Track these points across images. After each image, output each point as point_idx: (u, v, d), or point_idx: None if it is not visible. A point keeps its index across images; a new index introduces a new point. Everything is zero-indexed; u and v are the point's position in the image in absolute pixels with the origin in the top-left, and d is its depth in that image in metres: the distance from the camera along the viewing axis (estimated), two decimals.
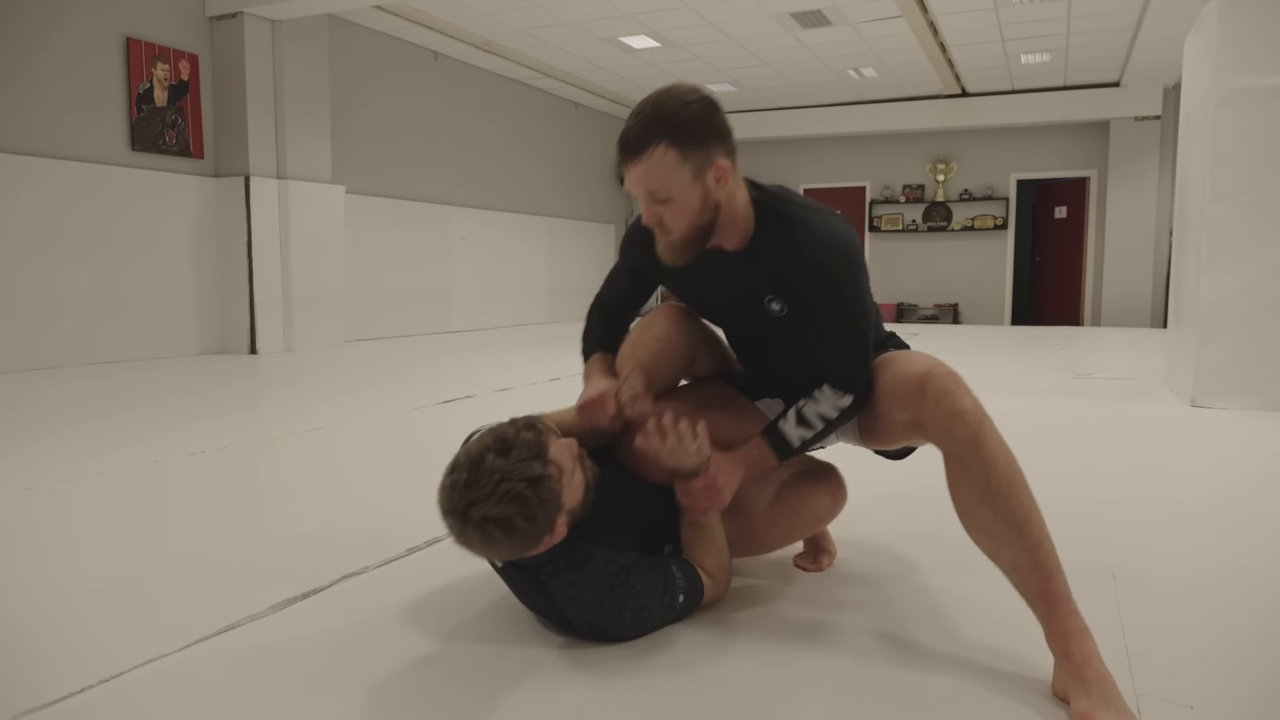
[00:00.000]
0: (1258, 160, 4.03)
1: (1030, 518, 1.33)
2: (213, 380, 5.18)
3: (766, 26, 8.21)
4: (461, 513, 1.30)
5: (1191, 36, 4.64)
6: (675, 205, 1.44)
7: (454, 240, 9.31)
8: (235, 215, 6.64)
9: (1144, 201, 10.60)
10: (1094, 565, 1.88)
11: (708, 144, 1.42)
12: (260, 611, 1.64)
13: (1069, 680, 1.25)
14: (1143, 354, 6.99)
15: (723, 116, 1.46)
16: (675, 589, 1.49)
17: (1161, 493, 2.59)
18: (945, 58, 9.32)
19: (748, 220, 1.53)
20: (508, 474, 1.30)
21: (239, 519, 2.28)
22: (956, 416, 1.37)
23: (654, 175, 1.41)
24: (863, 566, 1.88)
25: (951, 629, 1.55)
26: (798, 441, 1.53)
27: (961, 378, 1.43)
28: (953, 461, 1.39)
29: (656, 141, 1.40)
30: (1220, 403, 4.15)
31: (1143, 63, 9.32)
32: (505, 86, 10.11)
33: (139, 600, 1.70)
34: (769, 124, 12.02)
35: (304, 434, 3.44)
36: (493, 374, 5.43)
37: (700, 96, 1.43)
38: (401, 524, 2.21)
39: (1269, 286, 4.06)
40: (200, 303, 6.63)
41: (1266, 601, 1.70)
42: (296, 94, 6.87)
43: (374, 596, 1.72)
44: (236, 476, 2.77)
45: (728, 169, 1.45)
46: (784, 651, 1.46)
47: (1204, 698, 1.29)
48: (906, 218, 12.02)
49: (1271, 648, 1.49)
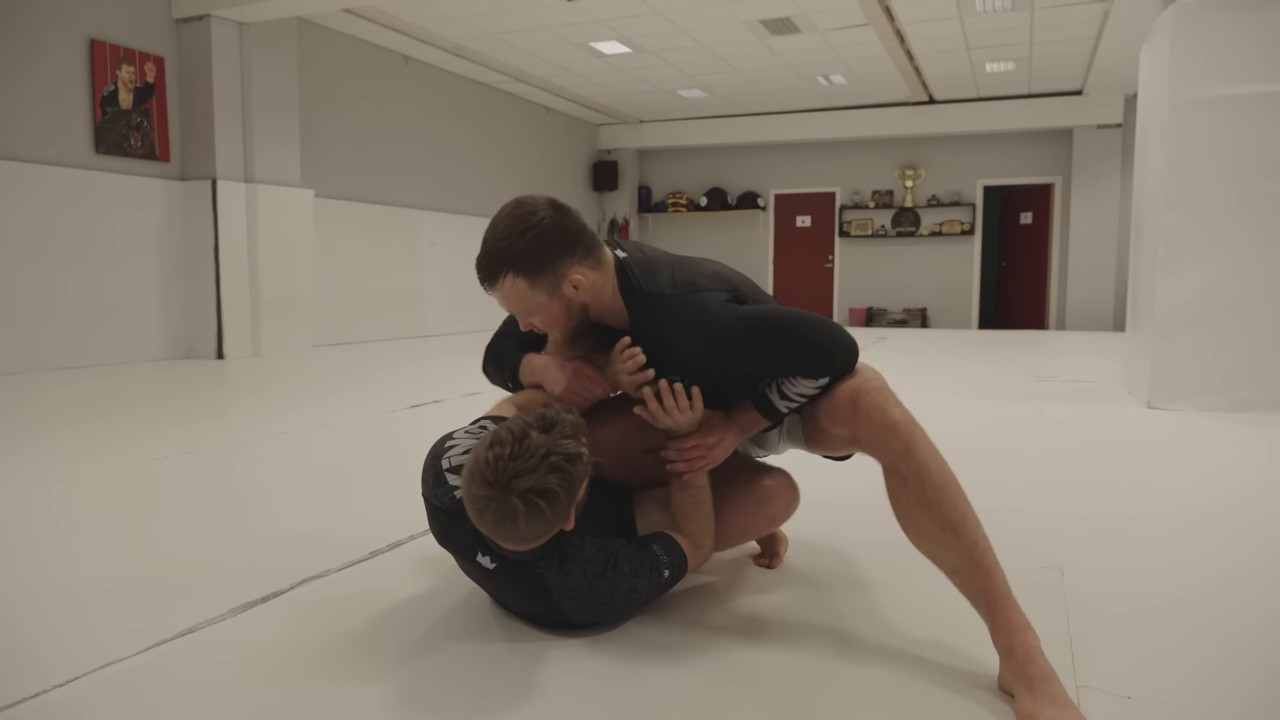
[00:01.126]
0: (1209, 168, 4.13)
1: (965, 520, 1.38)
2: (178, 385, 5.13)
3: (736, 33, 8.28)
4: (505, 484, 1.31)
5: (1146, 47, 4.75)
6: (542, 319, 1.55)
7: (425, 245, 9.29)
8: (202, 219, 6.58)
9: (1106, 207, 10.80)
10: (1044, 562, 1.93)
11: (554, 262, 1.48)
12: (219, 615, 1.64)
13: (1013, 678, 1.29)
14: (1104, 357, 7.12)
15: (568, 225, 1.50)
16: (660, 566, 1.54)
17: (1115, 492, 2.65)
18: (912, 65, 9.45)
19: (622, 307, 1.59)
20: (553, 448, 1.33)
21: (200, 524, 2.27)
22: (888, 429, 1.43)
23: (512, 302, 1.53)
24: (815, 567, 1.92)
25: (900, 627, 1.59)
26: (784, 410, 1.59)
27: (889, 388, 1.49)
28: (889, 471, 1.45)
29: (503, 273, 1.49)
30: (1175, 404, 4.25)
31: (1104, 72, 9.50)
32: (476, 91, 10.11)
33: (96, 605, 1.69)
34: (740, 130, 12.10)
35: (269, 439, 3.43)
36: (462, 379, 5.42)
37: (540, 217, 1.47)
38: (365, 527, 2.21)
39: (1221, 291, 4.17)
40: (166, 307, 6.56)
41: (1209, 595, 1.75)
42: (264, 97, 6.83)
43: (335, 599, 1.73)
44: (200, 482, 2.76)
45: (582, 278, 1.50)
46: (734, 649, 1.49)
47: (1142, 688, 1.34)
48: (876, 223, 12.14)
49: (1209, 639, 1.54)
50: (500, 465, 1.31)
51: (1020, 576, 1.76)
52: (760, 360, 1.53)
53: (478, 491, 1.33)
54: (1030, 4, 7.39)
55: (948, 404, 4.46)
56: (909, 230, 11.94)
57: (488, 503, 1.32)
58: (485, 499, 1.32)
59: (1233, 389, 4.18)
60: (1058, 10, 7.57)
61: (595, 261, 1.54)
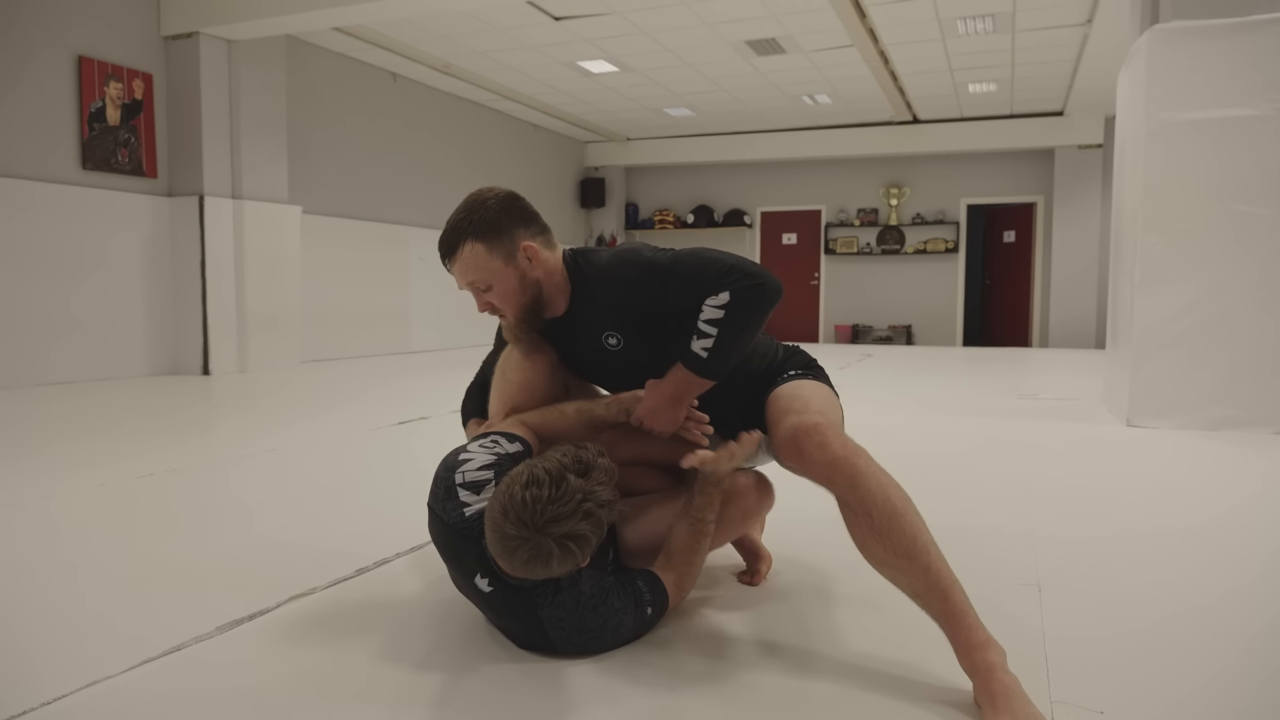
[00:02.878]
0: (1185, 190, 4.21)
1: (915, 544, 1.40)
2: (164, 402, 5.12)
3: (723, 53, 8.38)
4: (540, 527, 1.31)
5: (1123, 71, 4.85)
6: (498, 291, 1.64)
7: (412, 261, 9.31)
8: (189, 235, 6.58)
9: (1088, 226, 10.94)
10: (1022, 579, 1.96)
11: (510, 230, 1.63)
12: (207, 633, 1.65)
13: (979, 694, 1.32)
14: (1085, 374, 7.20)
15: (523, 204, 1.67)
16: (644, 603, 1.55)
17: (1093, 511, 2.69)
18: (896, 86, 9.57)
19: (567, 285, 1.70)
20: (589, 494, 1.35)
21: (188, 542, 2.28)
22: (830, 466, 1.47)
23: (470, 269, 1.63)
24: (797, 583, 1.94)
25: (879, 646, 1.61)
26: (704, 353, 1.60)
27: (831, 421, 1.54)
28: (841, 505, 1.50)
29: (464, 240, 1.62)
30: (1154, 422, 4.31)
31: (1084, 93, 9.65)
32: (464, 108, 10.16)
33: (84, 622, 1.70)
34: (726, 148, 12.20)
35: (256, 456, 3.43)
36: (449, 395, 5.43)
37: (497, 193, 1.65)
38: (353, 545, 2.22)
39: (1197, 311, 4.24)
40: (152, 323, 6.55)
41: (1188, 615, 1.79)
42: (253, 114, 6.85)
43: (323, 617, 1.74)
44: (187, 499, 2.76)
45: (535, 247, 1.64)
46: (708, 665, 1.51)
47: (1116, 703, 1.37)
48: (861, 240, 12.25)
49: (1187, 659, 1.57)
50: (538, 508, 1.31)
51: (997, 593, 1.81)
52: (670, 286, 1.60)
53: (510, 531, 1.33)
54: (1011, 26, 7.52)
55: (931, 421, 4.51)
56: (894, 248, 12.05)
57: (520, 543, 1.32)
58: (518, 539, 1.32)
59: (1210, 407, 4.25)
60: (1038, 33, 7.70)
61: (547, 241, 1.69)
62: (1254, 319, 4.18)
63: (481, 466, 1.52)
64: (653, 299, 1.63)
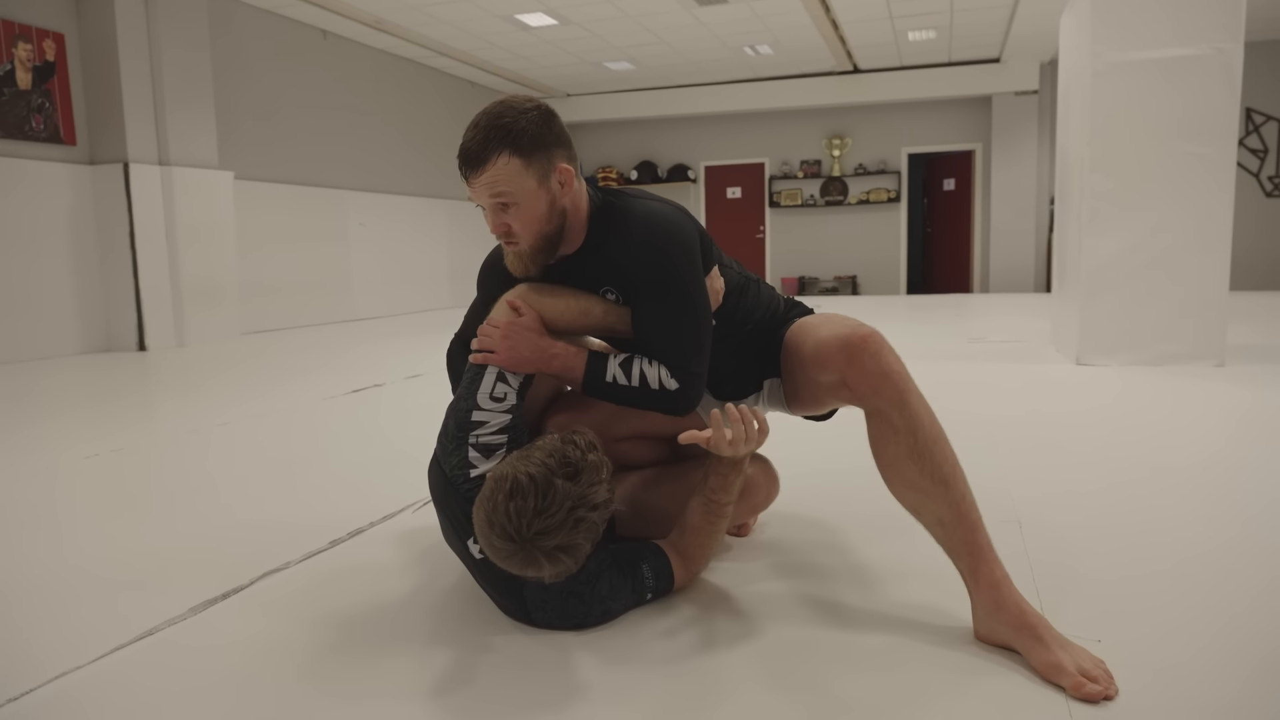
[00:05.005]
0: (1130, 131, 4.28)
1: (955, 473, 1.39)
2: (101, 379, 4.91)
3: (664, 4, 8.22)
4: (528, 540, 1.22)
5: (1067, 13, 4.87)
6: (522, 211, 1.45)
7: (352, 226, 9.04)
8: (115, 205, 6.27)
9: (1025, 172, 11.12)
10: (1002, 516, 1.98)
11: (549, 148, 1.44)
12: (180, 615, 1.57)
13: (1010, 632, 1.30)
14: (1030, 317, 7.36)
15: (560, 124, 1.48)
16: (643, 589, 1.48)
17: (1060, 447, 2.74)
18: (838, 35, 9.53)
19: (585, 222, 1.55)
20: (580, 500, 1.24)
21: (147, 522, 2.17)
22: (883, 377, 1.41)
23: (500, 183, 1.42)
24: (786, 536, 1.94)
25: (880, 588, 1.61)
26: (609, 378, 1.49)
27: (884, 338, 1.47)
28: (878, 420, 1.43)
29: (498, 151, 1.41)
30: (1102, 360, 4.41)
31: (1020, 39, 9.73)
32: (399, 66, 9.83)
33: (48, 611, 1.61)
34: (668, 102, 12.06)
35: (208, 431, 3.30)
36: (400, 362, 5.31)
37: (537, 104, 1.45)
38: (322, 516, 2.15)
39: (1143, 250, 4.33)
40: (82, 298, 6.25)
41: (1162, 541, 1.83)
42: (176, 75, 6.52)
43: (299, 592, 1.68)
44: (139, 478, 2.64)
45: (571, 172, 1.48)
46: (715, 620, 1.49)
47: (1112, 632, 1.39)
48: (805, 193, 12.28)
49: (1172, 583, 1.60)
50: (523, 521, 1.22)
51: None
52: (655, 289, 1.48)
53: (498, 543, 1.25)
54: None
55: None
56: (837, 199, 12.10)
57: (510, 554, 1.24)
58: (507, 550, 1.24)
59: (1155, 343, 4.36)
60: None
61: (579, 170, 1.52)
62: (1195, 257, 4.29)
63: (496, 430, 1.44)
64: (635, 286, 1.51)
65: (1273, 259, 10.02)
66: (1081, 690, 1.18)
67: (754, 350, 1.68)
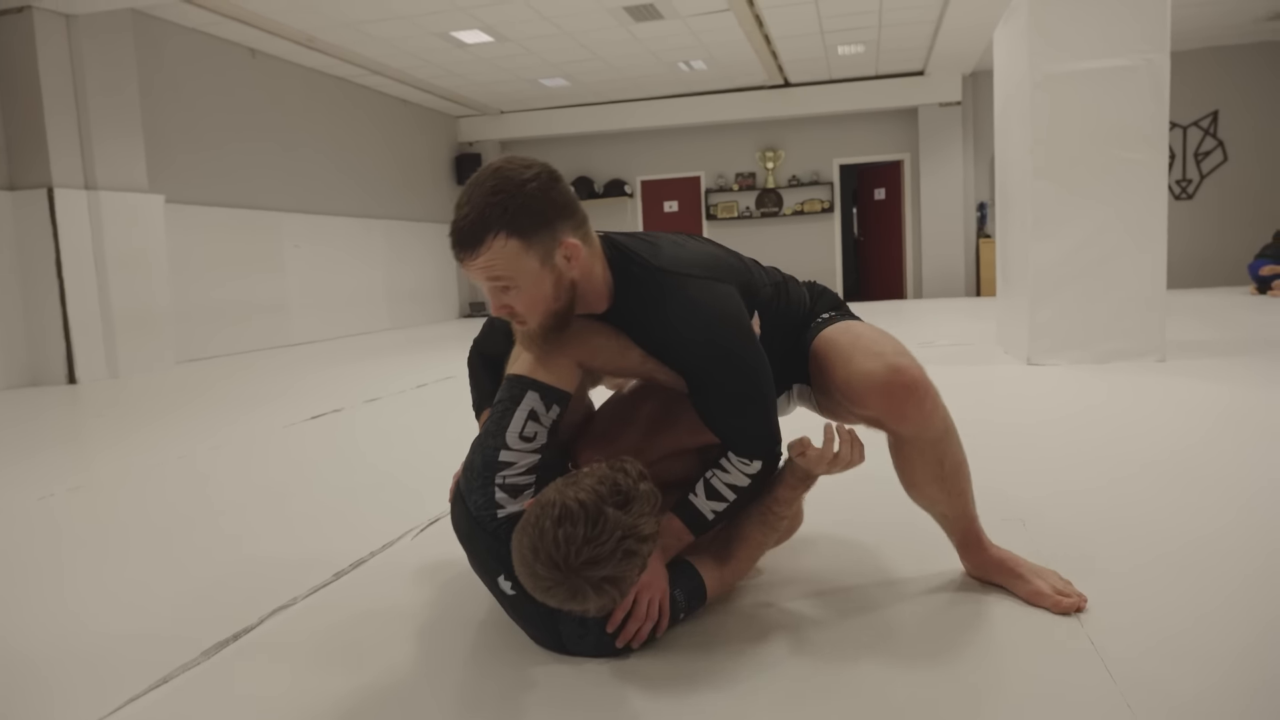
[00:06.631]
0: (1072, 137, 4.45)
1: (967, 488, 1.50)
2: (33, 414, 4.66)
3: (600, 20, 8.25)
4: (575, 569, 1.18)
5: (1002, 26, 5.06)
6: (524, 294, 1.33)
7: (287, 249, 8.80)
8: (38, 232, 5.98)
9: (951, 180, 11.48)
10: (1004, 515, 2.02)
11: (551, 224, 1.31)
12: (193, 660, 1.49)
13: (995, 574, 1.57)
14: (971, 320, 7.58)
15: (564, 188, 1.35)
16: (677, 613, 1.44)
17: (1037, 446, 2.82)
18: (770, 50, 9.71)
19: (608, 284, 1.44)
20: (630, 530, 1.20)
21: (133, 564, 2.06)
22: (924, 424, 1.42)
23: (498, 268, 1.30)
24: (820, 546, 1.94)
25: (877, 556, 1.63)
26: (711, 515, 1.44)
27: (927, 380, 1.42)
28: (909, 448, 1.48)
29: (494, 232, 1.28)
30: (1052, 359, 4.56)
31: (944, 54, 10.07)
32: (329, 85, 9.65)
33: (46, 669, 1.51)
34: (603, 117, 12.10)
35: (166, 465, 3.16)
36: (355, 384, 5.18)
37: (537, 172, 1.31)
38: (320, 548, 2.07)
39: (1086, 251, 4.50)
40: (4, 330, 5.93)
41: (1169, 533, 1.89)
42: (101, 96, 6.26)
43: (316, 629, 1.61)
44: (105, 519, 2.51)
45: (578, 246, 1.34)
46: (744, 629, 1.49)
47: (1127, 616, 1.43)
48: (741, 205, 12.44)
49: (1180, 578, 1.65)
50: (571, 549, 1.17)
51: (987, 528, 1.83)
52: (722, 386, 1.39)
53: (542, 572, 1.20)
54: None
55: None
56: (773, 211, 12.30)
57: (553, 585, 1.20)
58: (549, 581, 1.20)
59: (1099, 342, 4.53)
60: None
61: (586, 235, 1.38)
62: (1133, 257, 4.48)
63: (525, 470, 1.39)
64: (690, 371, 1.42)
65: (1186, 258, 10.53)
66: (1060, 606, 1.45)
67: (782, 353, 1.62)
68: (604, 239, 1.46)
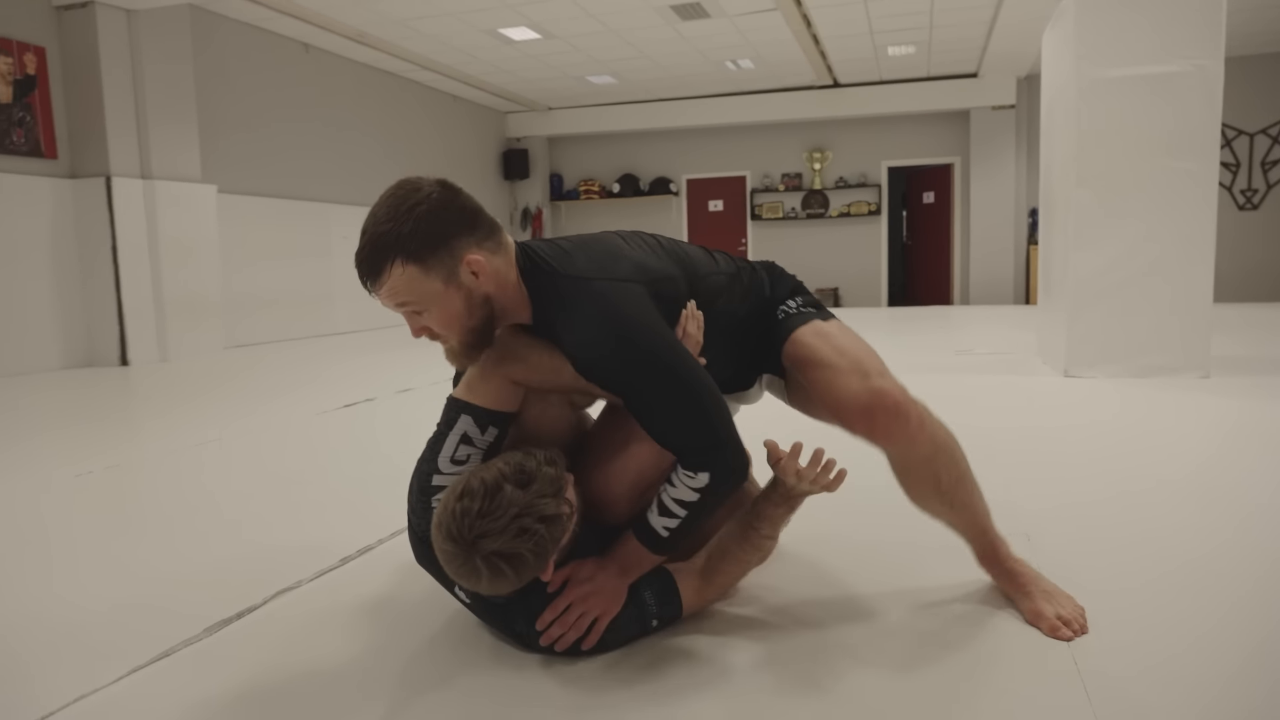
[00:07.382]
0: (1116, 146, 4.35)
1: (972, 499, 1.49)
2: (85, 394, 4.84)
3: (647, 19, 8.27)
4: (470, 542, 1.21)
5: (1050, 30, 4.96)
6: (435, 315, 1.32)
7: (335, 239, 8.99)
8: (97, 219, 6.20)
9: (1003, 185, 11.27)
10: (1009, 529, 1.99)
11: (448, 242, 1.28)
12: (195, 635, 1.55)
13: (1006, 586, 1.57)
14: (1013, 329, 7.44)
15: (461, 200, 1.31)
16: (648, 618, 1.43)
17: (1060, 460, 2.77)
18: (818, 50, 9.62)
19: (524, 295, 1.40)
20: (526, 508, 1.23)
21: (151, 542, 2.14)
22: (910, 444, 1.42)
23: (401, 296, 1.29)
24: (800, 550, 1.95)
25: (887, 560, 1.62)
26: (664, 531, 1.38)
27: (910, 400, 1.41)
28: (901, 466, 1.48)
29: (389, 260, 1.26)
30: (1090, 372, 4.47)
31: (998, 55, 9.88)
32: (380, 80, 9.82)
33: (59, 635, 1.58)
34: (650, 115, 12.11)
35: (198, 448, 3.26)
36: (390, 375, 5.28)
37: (427, 193, 1.28)
38: (329, 534, 2.13)
39: (1129, 261, 4.39)
40: (63, 313, 6.17)
41: (1175, 552, 1.85)
42: (159, 89, 6.46)
43: (317, 611, 1.66)
44: (135, 497, 2.61)
45: (482, 261, 1.31)
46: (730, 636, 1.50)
47: (1123, 637, 1.41)
48: (786, 205, 12.36)
49: (1180, 595, 1.62)
50: (466, 521, 1.21)
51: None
52: (644, 394, 1.34)
53: (443, 545, 1.24)
54: None
55: None
56: (818, 212, 12.20)
57: (451, 557, 1.23)
58: (449, 554, 1.23)
59: (1140, 355, 4.42)
60: None
61: (496, 245, 1.35)
62: (1180, 270, 4.36)
63: None
64: (613, 387, 1.38)
65: (1248, 271, 10.21)
66: (1055, 633, 1.43)
67: (748, 342, 1.59)
68: (519, 247, 1.42)
